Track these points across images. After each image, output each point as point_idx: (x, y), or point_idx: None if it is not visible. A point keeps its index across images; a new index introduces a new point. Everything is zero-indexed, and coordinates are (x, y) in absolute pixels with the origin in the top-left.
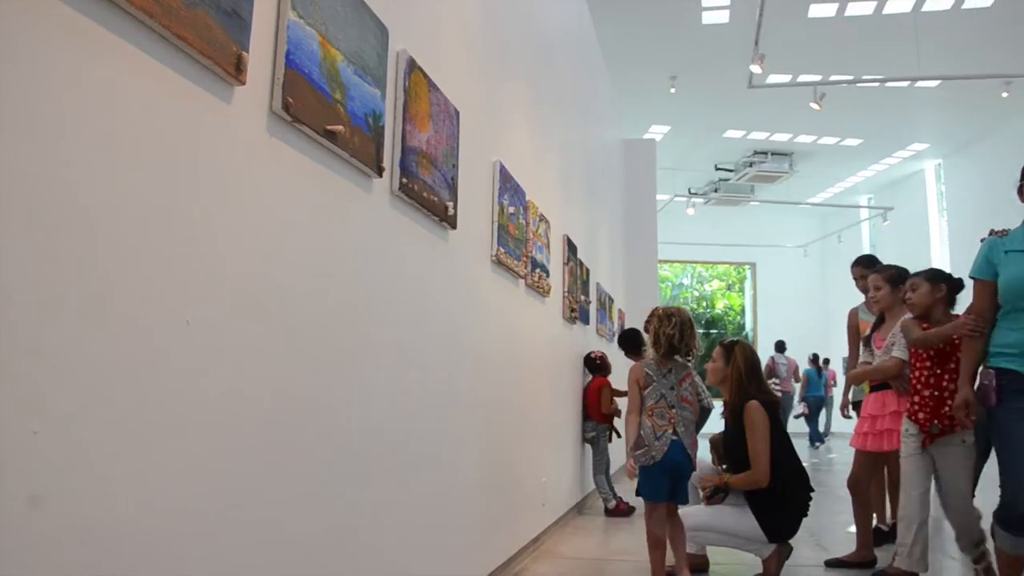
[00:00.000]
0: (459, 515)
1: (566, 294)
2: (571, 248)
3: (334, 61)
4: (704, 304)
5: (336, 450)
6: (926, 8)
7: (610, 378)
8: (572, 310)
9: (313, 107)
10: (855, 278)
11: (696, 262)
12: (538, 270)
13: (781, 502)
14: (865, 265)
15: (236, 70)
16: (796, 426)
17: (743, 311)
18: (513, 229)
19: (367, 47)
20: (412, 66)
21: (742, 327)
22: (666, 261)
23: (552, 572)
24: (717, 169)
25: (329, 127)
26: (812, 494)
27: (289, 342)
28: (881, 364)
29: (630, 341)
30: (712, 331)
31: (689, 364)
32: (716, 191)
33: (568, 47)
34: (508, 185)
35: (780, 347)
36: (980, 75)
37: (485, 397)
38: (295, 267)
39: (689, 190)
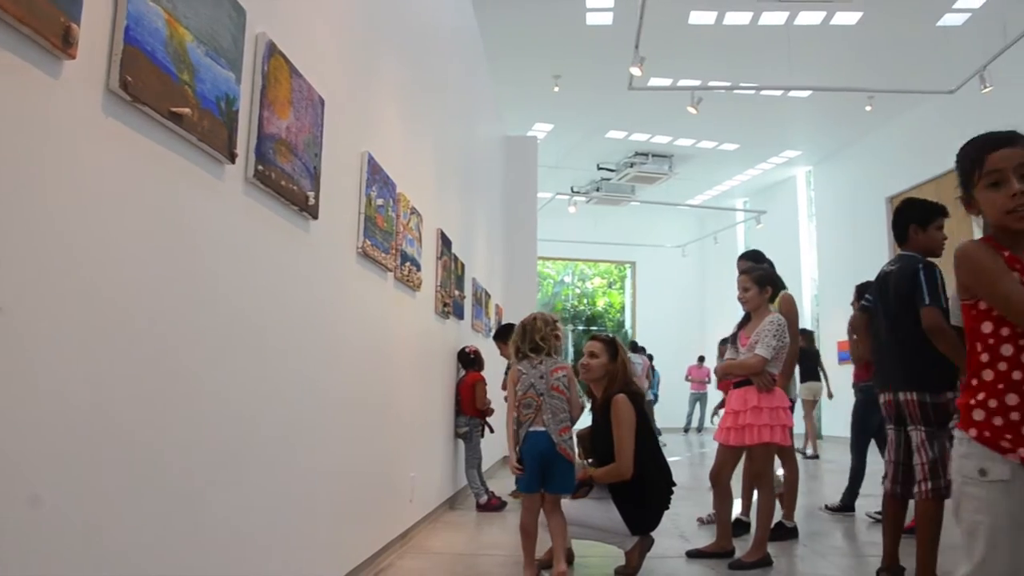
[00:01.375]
0: (321, 510)
1: (439, 288)
2: (445, 242)
3: (182, 40)
4: (585, 301)
5: (189, 446)
6: (798, 22)
7: (484, 373)
8: (445, 305)
9: (156, 87)
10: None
11: (578, 260)
12: (408, 263)
13: (643, 495)
14: (752, 259)
15: (64, 43)
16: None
17: (623, 309)
18: (381, 221)
19: (220, 28)
20: (272, 50)
21: (622, 324)
22: (548, 258)
23: (419, 567)
24: (599, 168)
25: (175, 109)
26: (674, 487)
27: (129, 336)
28: (745, 361)
29: (508, 336)
30: (592, 328)
31: (561, 360)
32: (598, 190)
33: (448, 41)
34: (377, 176)
35: (635, 347)
36: (846, 88)
37: (350, 391)
38: (135, 255)
39: (572, 188)
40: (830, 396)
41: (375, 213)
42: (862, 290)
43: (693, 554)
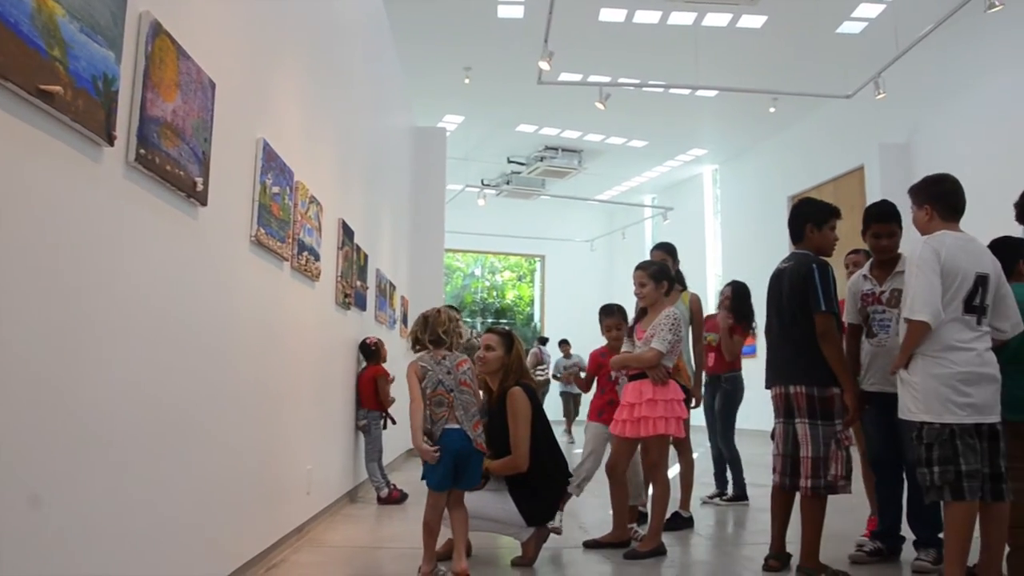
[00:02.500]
0: (210, 505)
1: (339, 279)
2: (347, 232)
3: (52, 14)
4: (495, 294)
5: (67, 445)
6: (706, 23)
7: (386, 365)
8: (346, 295)
9: (22, 62)
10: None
11: (488, 253)
12: (306, 253)
13: (539, 486)
14: (666, 250)
15: None
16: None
17: (532, 302)
18: (277, 210)
19: (98, 4)
20: (157, 30)
21: (531, 317)
22: (457, 251)
23: (314, 561)
24: (510, 162)
25: (44, 87)
26: (570, 479)
27: None
28: (641, 354)
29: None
30: (502, 320)
31: (461, 354)
32: (508, 183)
33: (355, 29)
34: (273, 164)
35: (544, 341)
36: (751, 90)
37: (242, 383)
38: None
39: (482, 181)
40: None
41: (270, 201)
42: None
43: (590, 544)
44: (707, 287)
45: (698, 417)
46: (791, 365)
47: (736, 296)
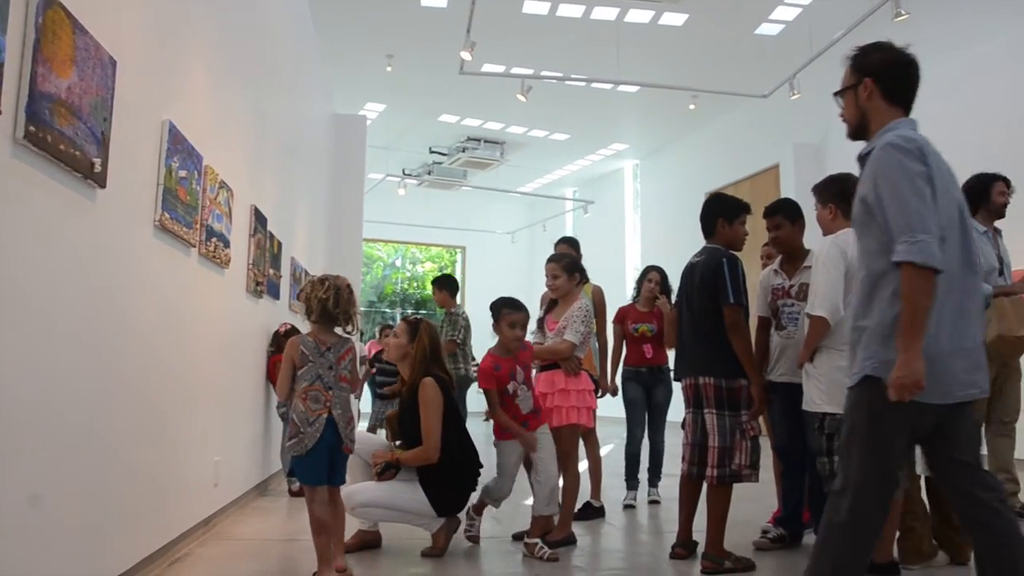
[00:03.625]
0: (106, 501)
1: (251, 266)
2: (260, 219)
3: None
4: (415, 285)
5: None
6: (628, 19)
7: None
8: (258, 284)
9: None
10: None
11: (409, 243)
12: (215, 239)
13: (450, 477)
14: (570, 244)
15: None
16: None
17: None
18: (184, 194)
19: None
20: (49, 2)
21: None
22: (377, 240)
23: (219, 553)
24: (431, 152)
25: None
26: (481, 469)
27: None
28: (554, 346)
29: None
30: (422, 311)
31: (351, 338)
32: (430, 173)
33: (270, 10)
34: (180, 147)
35: None
36: (672, 86)
37: (144, 372)
38: None
39: (403, 171)
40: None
41: (177, 185)
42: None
43: (520, 536)
44: (625, 280)
45: (611, 409)
46: (701, 357)
47: (665, 280)
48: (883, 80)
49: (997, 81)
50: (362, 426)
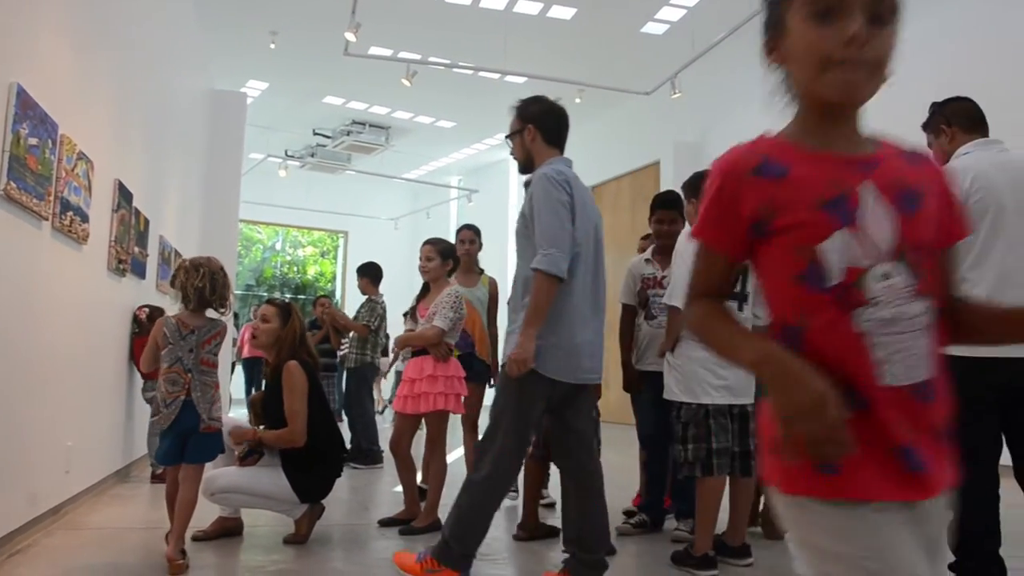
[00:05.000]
0: None
1: (113, 243)
2: (124, 194)
3: None
4: (296, 269)
5: None
6: (516, 9)
7: None
8: (121, 261)
9: None
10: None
11: (290, 226)
12: (71, 213)
13: (313, 462)
14: (477, 233)
15: None
16: None
17: (335, 278)
18: (35, 164)
19: None
20: None
21: (332, 294)
22: (257, 223)
23: (67, 544)
24: (315, 134)
25: None
26: (346, 455)
27: None
28: (423, 332)
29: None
30: (301, 296)
31: (223, 320)
32: (313, 156)
33: None
34: (31, 113)
35: None
36: (559, 79)
37: None
38: None
39: (286, 152)
40: None
41: (26, 154)
42: None
43: (385, 522)
44: (507, 271)
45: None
46: None
47: None
48: (542, 126)
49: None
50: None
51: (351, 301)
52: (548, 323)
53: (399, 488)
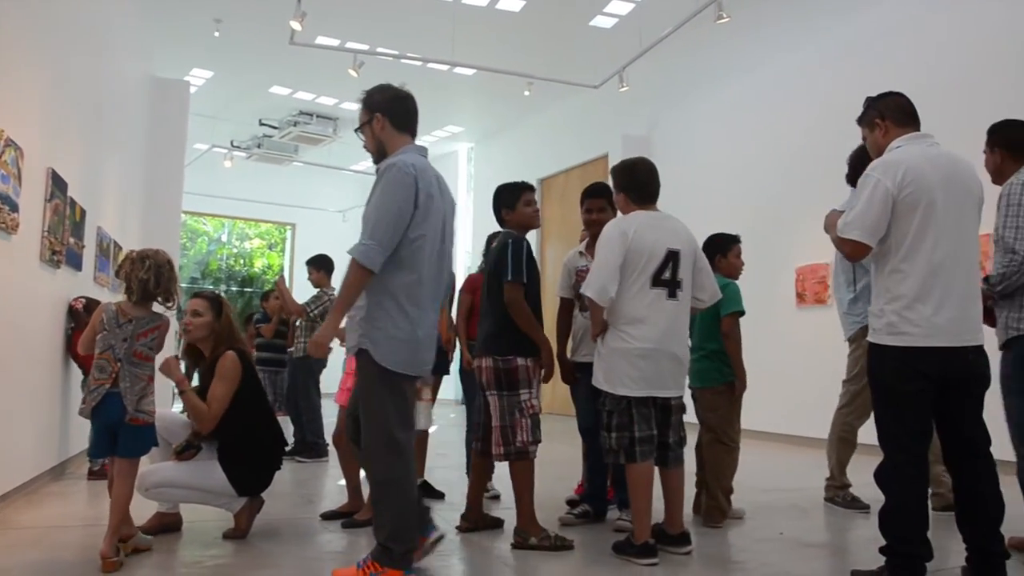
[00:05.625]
0: None
1: (46, 234)
2: (58, 183)
3: None
4: (242, 262)
5: None
6: (465, 1)
7: None
8: (55, 253)
9: None
10: None
11: (236, 218)
12: None
13: (249, 455)
14: None
15: None
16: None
17: (282, 271)
18: None
19: None
20: None
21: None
22: (203, 214)
23: None
24: (262, 124)
25: None
26: (286, 447)
27: None
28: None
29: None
30: (247, 289)
31: (167, 315)
32: (259, 147)
33: None
34: None
35: None
36: (508, 71)
37: None
38: None
39: (231, 142)
40: None
41: None
42: None
43: (328, 516)
44: (457, 262)
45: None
46: (480, 339)
47: None
48: (390, 113)
49: (821, 82)
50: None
51: (299, 294)
52: (394, 317)
53: (344, 482)
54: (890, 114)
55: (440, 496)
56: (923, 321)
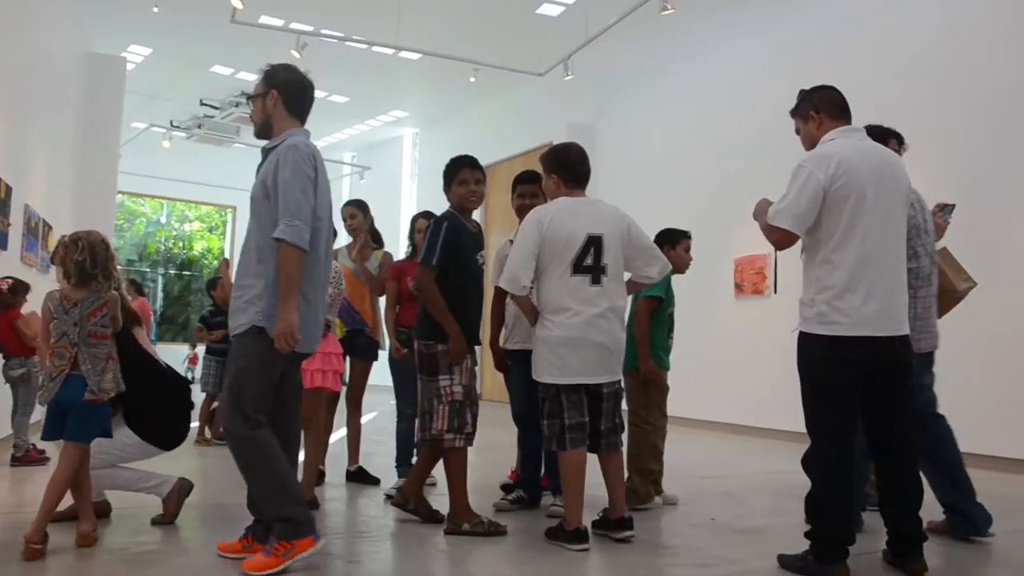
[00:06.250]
0: None
1: None
2: None
3: None
4: (181, 244)
5: None
6: None
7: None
8: None
9: None
10: (344, 218)
11: (175, 200)
12: None
13: (150, 411)
14: (358, 206)
15: None
16: None
17: (222, 254)
18: None
19: None
20: None
21: (217, 270)
22: (140, 195)
23: None
24: (203, 104)
25: None
26: (190, 393)
27: None
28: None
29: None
30: (186, 272)
31: (111, 292)
32: (200, 127)
33: None
34: None
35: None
36: (453, 57)
37: None
38: None
39: (171, 122)
40: None
41: None
42: None
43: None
44: (399, 248)
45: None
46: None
47: None
48: (286, 94)
49: (763, 77)
50: None
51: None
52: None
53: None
54: (824, 107)
55: (376, 482)
56: (852, 311)
